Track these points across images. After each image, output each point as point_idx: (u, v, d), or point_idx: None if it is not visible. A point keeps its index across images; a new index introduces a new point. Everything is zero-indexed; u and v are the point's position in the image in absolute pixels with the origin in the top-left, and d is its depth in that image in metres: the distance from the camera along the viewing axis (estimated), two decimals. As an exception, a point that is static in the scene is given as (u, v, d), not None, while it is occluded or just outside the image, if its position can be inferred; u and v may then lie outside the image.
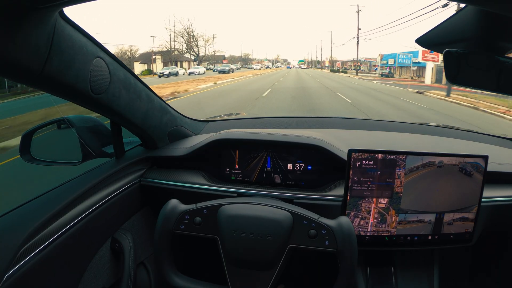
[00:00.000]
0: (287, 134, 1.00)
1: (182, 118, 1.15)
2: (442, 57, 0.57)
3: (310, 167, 0.98)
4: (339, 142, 1.00)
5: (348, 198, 0.83)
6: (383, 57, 35.51)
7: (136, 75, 0.85)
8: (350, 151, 0.81)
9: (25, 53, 0.50)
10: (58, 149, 1.06)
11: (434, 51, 0.65)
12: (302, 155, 0.98)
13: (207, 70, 35.57)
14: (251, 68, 54.31)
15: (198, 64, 39.13)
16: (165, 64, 33.91)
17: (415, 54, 26.12)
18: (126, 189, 0.90)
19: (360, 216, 0.85)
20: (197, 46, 40.36)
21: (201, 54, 41.17)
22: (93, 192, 0.80)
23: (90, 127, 0.91)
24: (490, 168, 0.85)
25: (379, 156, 0.82)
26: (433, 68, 22.17)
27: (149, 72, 31.35)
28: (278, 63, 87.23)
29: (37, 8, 0.47)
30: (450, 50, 0.56)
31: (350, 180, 0.83)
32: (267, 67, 65.61)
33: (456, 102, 11.03)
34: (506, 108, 9.11)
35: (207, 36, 59.03)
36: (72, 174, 0.83)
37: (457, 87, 9.35)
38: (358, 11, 35.78)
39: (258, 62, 68.97)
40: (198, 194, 0.95)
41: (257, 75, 28.12)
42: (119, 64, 0.77)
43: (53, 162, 0.94)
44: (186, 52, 39.37)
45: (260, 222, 0.69)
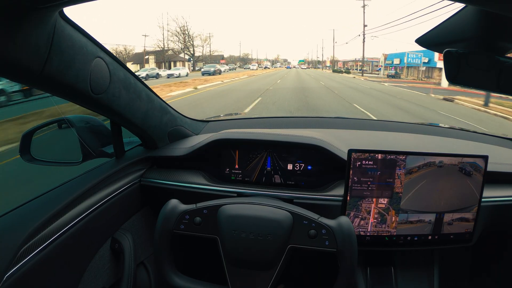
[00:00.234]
0: (287, 134, 1.00)
1: (182, 118, 1.15)
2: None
3: (310, 167, 0.98)
4: (339, 142, 1.00)
5: (348, 198, 0.83)
6: (388, 56, 34.19)
7: (136, 75, 0.86)
8: (350, 151, 0.81)
9: (25, 53, 0.50)
10: (58, 149, 1.06)
11: (434, 51, 0.65)
12: (302, 155, 0.98)
13: (199, 70, 32.63)
14: (248, 68, 49.35)
15: (193, 64, 37.38)
16: (158, 64, 32.42)
17: (426, 53, 24.28)
18: (126, 189, 0.90)
19: (360, 216, 0.85)
20: (192, 45, 38.73)
21: (198, 54, 39.88)
22: (93, 192, 0.80)
23: (90, 127, 0.91)
24: (490, 168, 0.85)
25: (379, 156, 0.82)
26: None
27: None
28: (278, 63, 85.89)
29: (37, 8, 0.47)
30: (450, 50, 0.56)
31: (350, 180, 0.83)
32: (265, 67, 58.75)
33: (503, 116, 8.41)
34: None
35: (205, 35, 56.41)
36: (72, 174, 0.83)
37: (494, 94, 8.12)
38: (364, 6, 33.54)
39: (255, 62, 63.73)
40: (198, 194, 0.95)
41: (252, 76, 25.24)
42: (119, 64, 0.77)
43: (53, 162, 0.94)
44: (181, 51, 37.58)
45: (260, 222, 0.69)
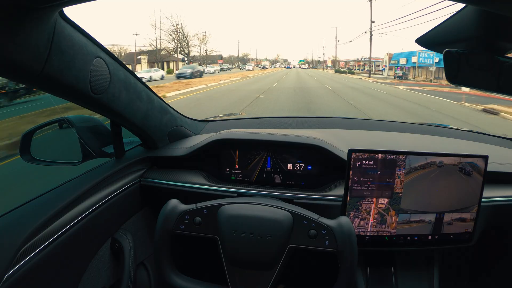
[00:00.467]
0: (287, 134, 1.00)
1: (182, 118, 1.15)
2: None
3: (310, 167, 0.98)
4: (339, 142, 1.00)
5: (348, 198, 0.83)
6: (393, 56, 32.09)
7: (136, 75, 0.85)
8: (350, 151, 0.81)
9: (25, 53, 0.50)
10: (58, 149, 1.06)
11: (434, 51, 0.65)
12: (302, 155, 0.98)
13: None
14: (243, 69, 46.35)
15: (188, 64, 35.12)
16: (150, 64, 31.02)
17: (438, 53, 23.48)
18: (126, 189, 0.90)
19: (360, 216, 0.84)
20: (187, 45, 37.12)
21: (194, 53, 38.63)
22: (93, 192, 0.80)
23: (90, 127, 0.91)
24: (490, 168, 0.85)
25: (379, 156, 0.82)
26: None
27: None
28: (277, 63, 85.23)
29: (37, 8, 0.47)
30: (450, 50, 0.56)
31: (350, 180, 0.83)
32: (263, 67, 54.79)
33: None
34: None
35: (202, 34, 51.63)
36: (72, 174, 0.83)
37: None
38: (371, 0, 30.56)
39: (251, 62, 60.27)
40: (198, 194, 0.95)
41: (246, 78, 22.44)
42: (119, 64, 0.77)
43: (53, 162, 0.94)
44: (175, 51, 35.79)
45: (260, 222, 0.69)
